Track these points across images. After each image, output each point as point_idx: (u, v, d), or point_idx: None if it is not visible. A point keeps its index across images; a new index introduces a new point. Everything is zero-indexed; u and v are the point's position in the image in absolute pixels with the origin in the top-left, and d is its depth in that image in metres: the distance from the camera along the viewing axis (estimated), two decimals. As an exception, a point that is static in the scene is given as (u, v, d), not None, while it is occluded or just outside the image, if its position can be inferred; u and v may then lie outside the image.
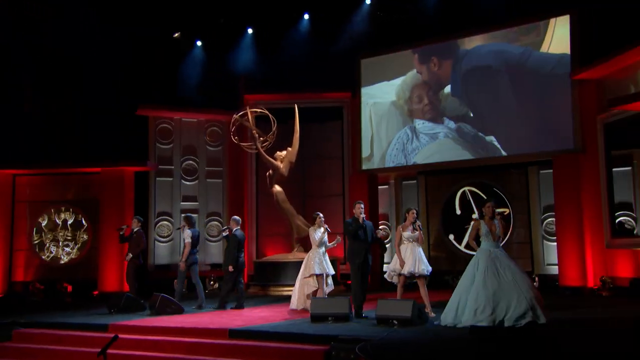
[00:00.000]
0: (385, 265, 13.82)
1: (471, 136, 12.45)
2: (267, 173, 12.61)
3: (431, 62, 13.13)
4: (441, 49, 13.01)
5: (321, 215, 9.03)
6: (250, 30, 14.81)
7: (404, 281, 8.22)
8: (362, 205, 8.35)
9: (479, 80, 12.42)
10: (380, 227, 13.75)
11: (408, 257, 8.04)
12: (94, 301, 11.63)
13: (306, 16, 14.44)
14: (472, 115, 12.49)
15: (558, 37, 11.50)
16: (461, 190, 13.42)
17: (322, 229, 8.90)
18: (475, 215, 13.20)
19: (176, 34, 14.66)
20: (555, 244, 11.72)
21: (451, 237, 13.22)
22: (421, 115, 13.14)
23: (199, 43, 14.93)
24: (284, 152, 12.61)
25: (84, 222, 13.23)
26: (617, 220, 11.20)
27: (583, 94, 11.23)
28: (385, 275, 8.41)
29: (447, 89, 12.84)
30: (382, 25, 13.86)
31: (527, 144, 11.79)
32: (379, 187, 14.03)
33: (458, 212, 13.39)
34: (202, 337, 7.30)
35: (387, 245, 14.49)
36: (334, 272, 9.04)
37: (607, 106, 9.89)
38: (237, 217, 10.10)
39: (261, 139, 12.34)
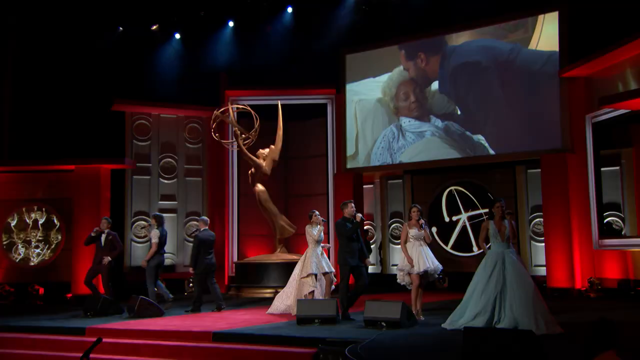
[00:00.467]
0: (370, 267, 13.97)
1: (458, 134, 12.62)
2: (249, 172, 12.62)
3: (418, 58, 13.27)
4: (428, 45, 13.16)
5: (317, 212, 9.06)
6: (231, 24, 14.82)
7: (419, 281, 7.95)
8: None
9: (466, 77, 12.59)
10: (364, 227, 13.87)
11: (415, 256, 7.86)
12: (68, 304, 11.55)
13: (289, 9, 14.49)
14: (459, 113, 12.65)
15: (547, 34, 11.71)
16: (448, 190, 13.59)
17: (318, 227, 8.91)
18: (461, 216, 13.39)
19: (154, 27, 14.60)
20: (543, 244, 11.93)
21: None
22: (407, 112, 13.28)
23: (177, 36, 14.89)
24: (267, 150, 12.63)
25: (56, 222, 13.10)
26: (605, 221, 11.47)
27: (572, 92, 11.45)
28: (398, 279, 8.15)
29: (434, 86, 12.99)
30: (367, 20, 13.96)
31: (515, 143, 11.99)
32: (364, 186, 14.13)
33: (445, 212, 13.55)
34: (184, 341, 7.31)
35: (372, 246, 14.62)
36: (333, 270, 9.01)
37: (598, 104, 10.08)
38: (205, 218, 10.23)
39: (243, 136, 12.34)
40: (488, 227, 7.21)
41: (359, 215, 8.25)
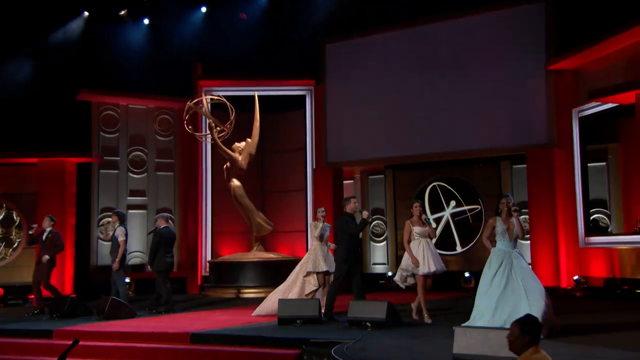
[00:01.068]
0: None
1: (442, 128, 12.77)
2: (224, 166, 12.61)
3: (401, 48, 13.38)
4: (411, 35, 13.27)
5: (323, 209, 8.99)
6: (204, 9, 14.73)
7: (424, 282, 7.87)
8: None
9: (451, 69, 12.75)
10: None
11: (422, 254, 7.78)
12: (31, 306, 11.40)
13: (266, -5, 14.49)
14: (443, 106, 12.80)
15: (534, 25, 11.91)
16: (431, 186, 13.76)
17: (321, 224, 8.79)
18: (444, 213, 13.58)
19: (122, 12, 14.44)
20: (528, 242, 12.16)
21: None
22: (390, 105, 13.39)
23: (146, 22, 14.73)
24: (243, 144, 12.63)
25: (16, 218, 12.91)
26: (591, 218, 11.75)
27: (558, 85, 11.69)
28: (396, 279, 8.12)
29: (417, 77, 13.11)
30: (349, 8, 14.00)
31: (500, 138, 12.20)
32: (344, 181, 14.22)
33: (427, 208, 13.71)
34: (160, 343, 7.31)
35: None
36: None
37: (588, 98, 10.29)
38: (166, 214, 10.32)
39: (218, 128, 12.31)
40: (495, 225, 6.99)
41: (365, 212, 8.26)
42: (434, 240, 8.20)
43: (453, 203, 13.46)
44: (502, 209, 7.02)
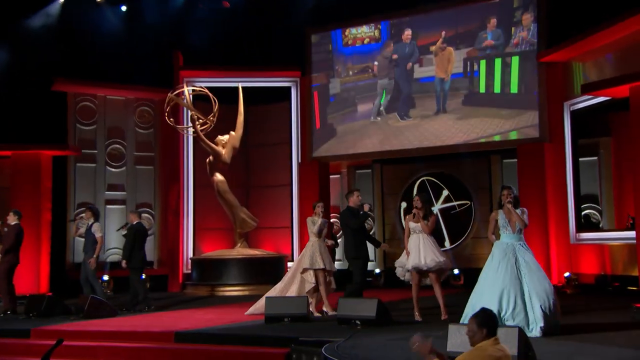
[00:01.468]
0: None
1: (432, 121, 12.88)
2: (207, 160, 12.60)
3: (388, 39, 13.45)
4: (399, 25, 13.35)
5: (322, 204, 8.91)
6: (185, -4, 14.64)
7: (418, 278, 7.91)
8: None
9: (441, 61, 12.85)
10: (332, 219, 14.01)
11: (416, 249, 7.82)
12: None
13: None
14: (433, 99, 12.91)
15: (526, 16, 12.01)
16: (420, 180, 13.86)
17: (320, 220, 8.70)
18: (433, 208, 13.67)
19: (100, -1, 14.31)
20: (518, 238, 12.31)
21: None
22: (378, 98, 13.46)
23: (124, 8, 14.59)
24: (227, 137, 12.63)
25: (-12, 214, 12.78)
26: (582, 213, 11.94)
27: (550, 78, 11.79)
28: (398, 274, 8.16)
29: (406, 70, 13.19)
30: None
31: (491, 131, 12.32)
32: (331, 176, 14.26)
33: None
34: (144, 342, 7.34)
35: (338, 240, 14.78)
36: (334, 269, 8.80)
37: (581, 91, 10.42)
38: (137, 210, 10.59)
39: (200, 121, 12.29)
40: (497, 218, 7.04)
41: (367, 205, 8.28)
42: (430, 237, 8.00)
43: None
44: (503, 200, 7.03)
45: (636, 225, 9.44)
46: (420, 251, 7.81)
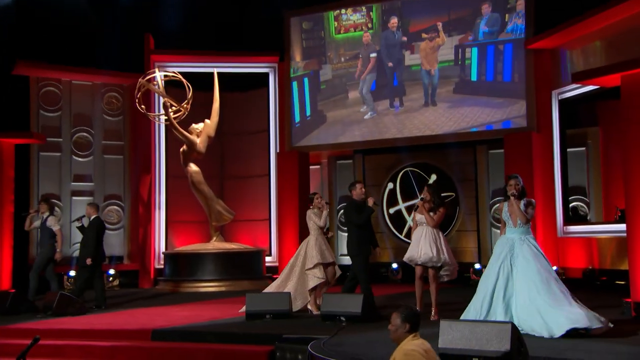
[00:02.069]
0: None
1: (416, 111, 12.99)
2: (181, 149, 12.57)
3: (379, 25, 13.51)
4: (383, 9, 13.42)
5: (318, 194, 8.83)
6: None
7: (421, 272, 7.89)
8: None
9: (426, 50, 12.96)
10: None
11: (418, 242, 7.82)
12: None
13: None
14: (417, 88, 13.02)
15: (520, 2, 12.14)
16: (403, 172, 13.98)
17: (325, 213, 8.60)
18: (417, 201, 13.81)
19: (64, -23, 14.11)
20: (505, 231, 12.50)
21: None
22: (360, 86, 13.54)
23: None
24: (201, 125, 12.61)
25: (-54, 206, 12.59)
26: (570, 205, 12.18)
27: (538, 66, 11.98)
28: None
29: (390, 57, 13.28)
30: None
31: (476, 121, 12.48)
32: (311, 167, 14.31)
33: (399, 196, 13.95)
34: (118, 340, 7.34)
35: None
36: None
37: (570, 80, 10.58)
38: (95, 203, 10.61)
39: (173, 108, 12.25)
40: (502, 210, 6.95)
41: (372, 199, 8.18)
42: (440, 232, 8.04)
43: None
44: (509, 191, 6.86)
45: (626, 218, 9.64)
46: (419, 244, 7.83)
